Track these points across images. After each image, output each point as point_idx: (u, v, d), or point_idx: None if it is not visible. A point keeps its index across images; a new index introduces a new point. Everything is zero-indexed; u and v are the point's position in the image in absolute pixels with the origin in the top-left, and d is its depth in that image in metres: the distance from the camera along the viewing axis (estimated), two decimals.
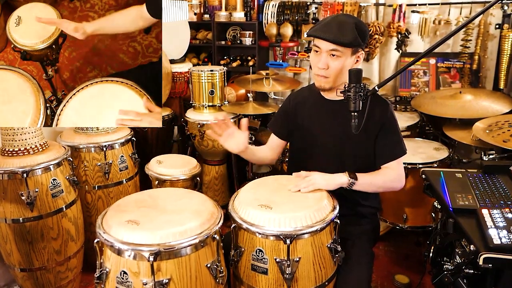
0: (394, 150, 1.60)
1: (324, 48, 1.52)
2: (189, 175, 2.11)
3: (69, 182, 2.04)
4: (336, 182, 1.51)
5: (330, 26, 1.50)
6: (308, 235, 1.32)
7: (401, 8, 3.02)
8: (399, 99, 3.12)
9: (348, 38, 1.48)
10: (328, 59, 1.53)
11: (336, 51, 1.50)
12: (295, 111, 1.74)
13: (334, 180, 1.51)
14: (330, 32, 1.48)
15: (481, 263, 1.18)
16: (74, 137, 2.30)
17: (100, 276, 1.29)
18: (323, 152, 1.59)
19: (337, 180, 1.51)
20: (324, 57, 1.53)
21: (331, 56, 1.52)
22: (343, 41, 1.47)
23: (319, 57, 1.55)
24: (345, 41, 1.48)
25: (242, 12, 3.48)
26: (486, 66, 2.99)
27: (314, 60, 1.58)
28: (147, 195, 1.50)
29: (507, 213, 1.34)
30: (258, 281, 1.36)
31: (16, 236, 1.90)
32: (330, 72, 1.54)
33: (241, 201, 1.44)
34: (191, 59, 3.64)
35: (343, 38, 1.47)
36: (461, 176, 1.67)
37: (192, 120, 2.84)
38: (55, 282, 2.04)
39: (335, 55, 1.51)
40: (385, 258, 2.57)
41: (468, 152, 2.94)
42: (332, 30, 1.48)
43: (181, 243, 1.22)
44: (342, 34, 1.47)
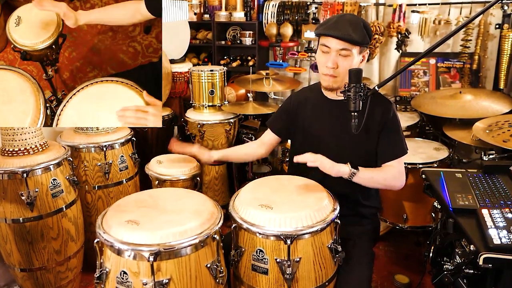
0: (395, 149, 1.60)
1: (334, 47, 1.52)
2: (189, 175, 2.11)
3: (69, 182, 2.04)
4: (339, 169, 1.51)
5: (340, 24, 1.50)
6: (308, 235, 1.32)
7: (401, 8, 3.02)
8: (399, 99, 3.13)
9: (360, 36, 1.49)
10: (337, 58, 1.53)
11: (346, 50, 1.51)
12: (296, 110, 1.75)
13: (337, 167, 1.51)
14: (342, 30, 1.49)
15: (481, 263, 1.18)
16: (74, 137, 2.30)
17: (100, 276, 1.29)
18: (324, 152, 1.58)
19: (340, 168, 1.51)
20: (333, 56, 1.53)
21: (340, 55, 1.52)
22: (356, 39, 1.48)
23: (327, 57, 1.54)
24: (357, 39, 1.48)
25: (242, 12, 3.48)
26: (486, 66, 2.99)
27: (322, 60, 1.57)
28: (147, 195, 1.50)
29: (507, 213, 1.34)
30: (258, 281, 1.36)
31: (16, 236, 1.90)
32: (339, 71, 1.54)
33: (242, 201, 1.44)
34: (191, 59, 3.64)
35: (355, 36, 1.48)
36: (461, 176, 1.67)
37: (192, 120, 2.84)
38: (55, 282, 2.04)
39: (344, 55, 1.52)
40: (385, 258, 2.57)
41: (468, 152, 2.94)
42: (343, 28, 1.49)
43: (181, 243, 1.22)
44: (353, 31, 1.48)
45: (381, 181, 1.59)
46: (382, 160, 1.61)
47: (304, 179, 1.59)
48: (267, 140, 1.86)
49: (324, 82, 1.61)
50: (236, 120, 2.90)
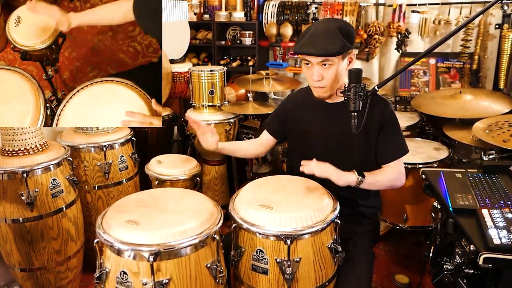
0: (395, 149, 1.60)
1: (314, 61, 1.52)
2: (189, 175, 2.11)
3: (69, 182, 2.04)
4: (347, 179, 1.51)
5: (315, 38, 1.48)
6: (308, 235, 1.32)
7: (401, 8, 3.02)
8: (399, 99, 3.12)
9: (336, 47, 1.46)
10: (320, 70, 1.52)
11: (327, 61, 1.50)
12: (293, 112, 1.75)
13: (345, 177, 1.51)
14: (316, 45, 1.47)
15: (481, 263, 1.18)
16: (74, 137, 2.30)
17: (100, 276, 1.29)
18: (321, 154, 1.58)
19: (348, 177, 1.51)
20: (316, 69, 1.52)
21: (323, 66, 1.52)
22: (332, 52, 1.46)
23: (311, 70, 1.55)
24: (334, 52, 1.46)
25: (242, 12, 3.48)
26: (486, 66, 2.99)
27: (307, 73, 1.58)
28: (147, 195, 1.50)
29: (507, 213, 1.34)
30: (258, 281, 1.36)
31: (16, 236, 1.90)
32: (326, 82, 1.54)
33: (242, 201, 1.44)
34: (191, 59, 3.64)
35: (331, 49, 1.46)
36: (461, 176, 1.67)
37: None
38: (55, 282, 2.04)
39: (326, 65, 1.51)
40: (385, 258, 2.57)
41: (468, 152, 2.94)
42: (318, 43, 1.47)
43: (181, 243, 1.22)
44: (329, 44, 1.46)
45: (385, 183, 1.59)
46: (382, 161, 1.61)
47: (304, 179, 1.59)
48: (264, 140, 1.87)
49: (315, 93, 1.62)
50: (236, 120, 2.90)
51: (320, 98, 1.62)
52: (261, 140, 1.88)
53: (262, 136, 1.88)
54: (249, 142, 1.99)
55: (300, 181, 1.59)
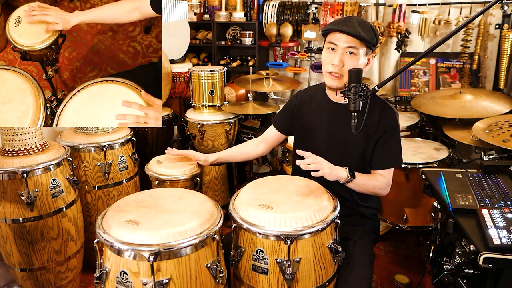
0: (390, 158, 1.62)
1: (341, 45, 1.51)
2: (189, 175, 2.10)
3: (69, 182, 2.04)
4: (337, 175, 1.52)
5: (349, 22, 1.50)
6: (308, 235, 1.32)
7: (401, 8, 3.02)
8: (399, 99, 3.12)
9: (368, 35, 1.49)
10: (344, 56, 1.52)
11: (353, 48, 1.50)
12: (299, 110, 1.75)
13: (336, 172, 1.52)
14: (351, 26, 1.49)
15: (481, 263, 1.19)
16: (74, 137, 2.30)
17: (100, 276, 1.29)
18: (324, 152, 1.59)
19: (339, 173, 1.52)
20: (340, 54, 1.52)
21: (347, 54, 1.52)
22: (364, 36, 1.48)
23: (333, 54, 1.53)
24: (366, 37, 1.48)
25: (242, 12, 3.48)
26: (486, 66, 2.99)
27: (327, 57, 1.56)
28: (147, 195, 1.50)
29: (507, 213, 1.34)
30: (258, 281, 1.36)
31: (16, 236, 1.90)
32: (345, 70, 1.52)
33: (242, 201, 1.44)
34: (191, 59, 3.64)
35: (364, 34, 1.48)
36: (461, 176, 1.67)
37: (192, 120, 2.84)
38: (55, 282, 2.04)
39: (352, 53, 1.51)
40: (385, 258, 2.57)
41: (468, 152, 2.94)
42: (352, 26, 1.49)
43: (181, 243, 1.22)
44: (362, 30, 1.49)
45: (371, 189, 1.60)
46: (374, 167, 1.63)
47: (304, 179, 1.59)
48: (268, 137, 1.87)
49: (328, 81, 1.59)
50: (236, 120, 2.90)
51: (332, 87, 1.59)
52: (265, 137, 1.88)
53: (267, 133, 1.88)
54: (246, 144, 1.96)
55: (300, 181, 1.59)
